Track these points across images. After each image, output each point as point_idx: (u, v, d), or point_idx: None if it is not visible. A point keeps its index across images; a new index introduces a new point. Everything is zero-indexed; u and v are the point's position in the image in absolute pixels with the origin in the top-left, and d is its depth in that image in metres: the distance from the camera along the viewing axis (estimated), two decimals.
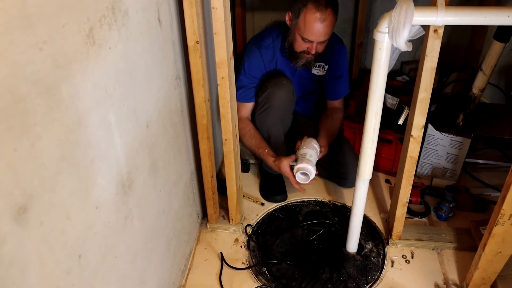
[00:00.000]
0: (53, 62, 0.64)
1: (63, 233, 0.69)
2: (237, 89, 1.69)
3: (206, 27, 1.29)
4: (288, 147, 1.76)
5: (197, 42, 1.22)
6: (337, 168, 1.81)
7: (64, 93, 0.67)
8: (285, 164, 1.57)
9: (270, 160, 1.63)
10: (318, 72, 1.80)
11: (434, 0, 1.07)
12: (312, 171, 1.51)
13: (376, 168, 1.94)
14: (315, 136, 1.69)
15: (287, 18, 1.62)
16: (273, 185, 1.81)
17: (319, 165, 1.83)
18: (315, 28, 1.52)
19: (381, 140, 1.82)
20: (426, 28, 1.12)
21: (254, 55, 1.70)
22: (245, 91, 1.71)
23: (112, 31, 0.82)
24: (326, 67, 1.78)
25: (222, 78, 1.26)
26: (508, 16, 0.98)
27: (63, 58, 0.66)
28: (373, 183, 1.87)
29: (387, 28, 1.05)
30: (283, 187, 1.80)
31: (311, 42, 1.57)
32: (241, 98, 1.70)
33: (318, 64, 1.77)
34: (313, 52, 1.60)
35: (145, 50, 1.01)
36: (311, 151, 1.56)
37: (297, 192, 1.82)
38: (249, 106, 1.74)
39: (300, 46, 1.61)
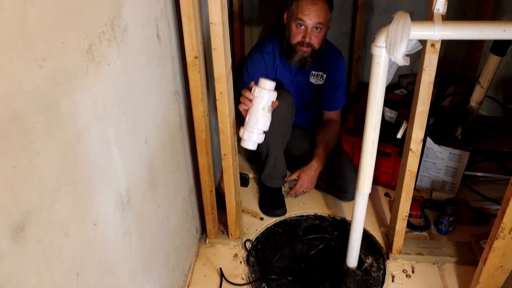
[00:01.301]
0: (52, 78, 0.64)
1: (61, 250, 0.68)
2: (239, 86, 1.72)
3: (204, 42, 1.30)
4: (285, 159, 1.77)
5: (196, 57, 1.22)
6: (336, 180, 1.80)
7: (63, 109, 0.67)
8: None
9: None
10: (316, 81, 1.81)
11: (430, 15, 1.09)
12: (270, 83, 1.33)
13: (375, 181, 1.94)
14: (311, 149, 1.70)
15: (284, 17, 1.67)
16: (272, 199, 1.80)
17: (319, 179, 1.82)
18: (307, 8, 1.57)
19: (380, 154, 1.82)
20: (423, 42, 1.13)
21: (257, 58, 1.74)
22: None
23: (111, 47, 0.83)
24: (325, 76, 1.80)
25: (221, 93, 1.26)
26: (504, 31, 0.99)
27: (62, 74, 0.67)
28: (372, 196, 1.87)
29: (384, 43, 1.05)
30: (282, 202, 1.80)
31: (305, 27, 1.59)
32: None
33: (316, 73, 1.79)
34: (307, 39, 1.60)
35: (144, 65, 1.01)
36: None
37: (296, 206, 1.82)
38: None
39: (295, 35, 1.62)
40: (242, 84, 1.74)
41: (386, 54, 1.06)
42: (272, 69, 1.76)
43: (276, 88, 1.36)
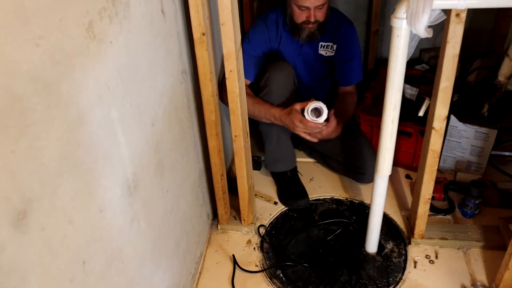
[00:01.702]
0: (50, 58, 0.63)
1: (66, 238, 0.69)
2: None
3: (212, 18, 1.28)
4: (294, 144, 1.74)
5: (203, 34, 1.21)
6: (354, 162, 1.79)
7: (64, 90, 0.67)
8: (297, 108, 1.51)
9: (277, 112, 1.57)
10: (326, 53, 1.78)
11: None
12: (324, 108, 1.46)
13: (396, 163, 1.92)
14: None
15: None
16: (292, 189, 1.79)
17: (334, 159, 1.81)
18: None
19: (401, 133, 1.80)
20: (447, 12, 1.10)
21: (259, 25, 1.72)
22: (244, 63, 1.68)
23: (113, 24, 0.82)
24: (335, 47, 1.76)
25: (231, 71, 1.25)
26: None
27: (62, 53, 0.66)
28: (392, 178, 1.86)
29: (405, 14, 1.03)
30: (303, 191, 1.79)
31: (308, 8, 1.57)
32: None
33: (325, 44, 1.75)
34: (312, 19, 1.59)
35: (148, 43, 1.00)
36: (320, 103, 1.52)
37: (312, 190, 1.82)
38: (246, 81, 1.70)
39: (299, 16, 1.61)
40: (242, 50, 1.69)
41: (407, 26, 1.04)
42: (275, 39, 1.73)
43: (276, 59, 1.35)
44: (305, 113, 1.48)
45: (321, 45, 1.75)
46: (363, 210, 1.72)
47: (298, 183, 1.82)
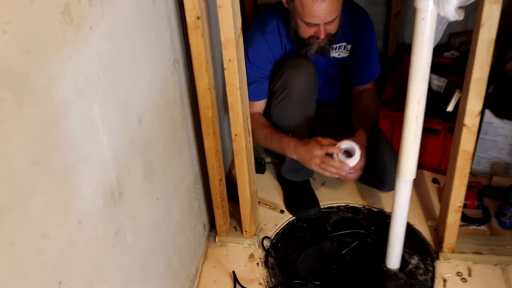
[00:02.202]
0: (20, 47, 0.63)
1: (39, 255, 0.68)
2: None
3: (208, 0, 1.28)
4: None
5: (198, 18, 1.20)
6: (372, 169, 1.77)
7: (36, 84, 0.67)
8: (320, 143, 1.50)
9: (294, 144, 1.57)
10: (339, 55, 1.77)
11: None
12: (357, 150, 1.47)
13: (421, 165, 1.91)
14: (351, 133, 1.65)
15: (283, 0, 1.59)
16: (301, 197, 1.79)
17: None
18: (315, 9, 1.47)
19: (426, 131, 1.80)
20: None
21: (258, 42, 1.66)
22: (255, 88, 1.67)
23: (94, 7, 0.81)
24: (349, 47, 1.75)
25: (230, 60, 1.24)
26: None
27: (33, 41, 0.66)
28: (417, 183, 1.85)
29: None
30: (313, 198, 1.79)
31: (317, 25, 1.52)
32: (251, 96, 1.57)
33: (338, 45, 1.73)
34: (322, 36, 1.54)
35: (134, 29, 1.00)
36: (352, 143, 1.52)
37: (324, 196, 1.82)
38: (260, 104, 1.72)
39: (306, 31, 1.56)
40: (247, 76, 1.67)
41: (434, 7, 1.03)
42: (279, 51, 1.69)
43: (293, 56, 1.34)
44: (335, 154, 1.49)
45: (334, 47, 1.73)
46: (383, 220, 1.71)
47: (308, 189, 1.82)
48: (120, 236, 0.95)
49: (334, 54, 1.76)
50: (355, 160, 1.48)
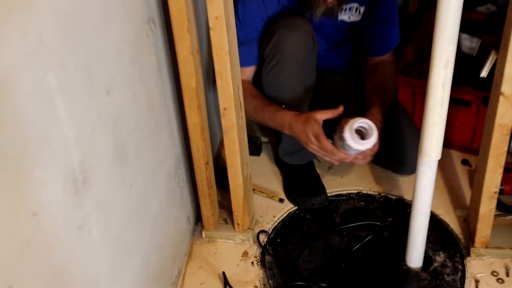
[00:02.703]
0: None
1: None
2: None
3: None
4: None
5: None
6: (390, 149, 1.78)
7: None
8: (317, 117, 1.49)
9: (290, 115, 1.56)
10: (350, 18, 1.75)
11: None
12: (374, 129, 1.41)
13: (448, 143, 1.92)
14: (362, 111, 1.64)
15: None
16: (304, 182, 1.80)
17: None
18: None
19: (455, 102, 1.79)
20: None
21: None
22: (244, 51, 1.65)
23: None
24: (362, 9, 1.74)
25: (216, 18, 1.23)
26: None
27: None
28: (443, 165, 1.85)
29: None
30: (319, 184, 1.79)
31: None
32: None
33: (348, 6, 1.72)
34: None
35: None
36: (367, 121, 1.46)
37: (332, 182, 1.82)
38: (248, 71, 1.72)
39: None
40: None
41: None
42: (274, 7, 1.67)
43: (288, 14, 1.31)
44: (346, 134, 1.41)
45: (343, 9, 1.71)
46: (403, 209, 1.72)
47: (312, 173, 1.82)
48: (85, 231, 0.94)
49: (343, 16, 1.74)
50: (369, 143, 1.42)
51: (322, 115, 1.50)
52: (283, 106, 1.60)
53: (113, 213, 1.07)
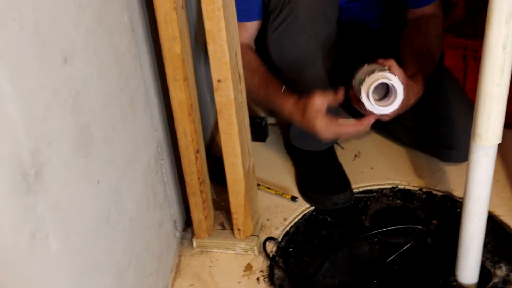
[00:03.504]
0: None
1: None
2: None
3: None
4: None
5: None
6: (434, 128, 1.80)
7: None
8: (317, 103, 1.50)
9: (289, 103, 1.58)
10: None
11: None
12: (400, 86, 1.42)
13: (509, 123, 1.88)
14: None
15: None
16: (323, 175, 1.81)
17: (398, 123, 1.79)
18: None
19: None
20: None
21: None
22: (243, 1, 1.67)
23: None
24: None
25: None
26: None
27: None
28: (504, 152, 1.84)
29: None
30: (343, 177, 1.81)
31: None
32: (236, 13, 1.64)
33: None
34: None
35: None
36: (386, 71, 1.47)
37: (359, 175, 1.83)
38: (250, 27, 1.73)
39: None
40: None
41: None
42: None
43: None
44: (365, 95, 1.42)
45: None
46: (451, 209, 1.72)
47: (333, 163, 1.84)
48: (39, 240, 0.93)
49: None
50: (392, 107, 1.43)
51: (322, 100, 1.50)
52: (283, 88, 1.60)
53: (76, 217, 1.06)
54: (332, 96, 1.51)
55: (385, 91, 1.44)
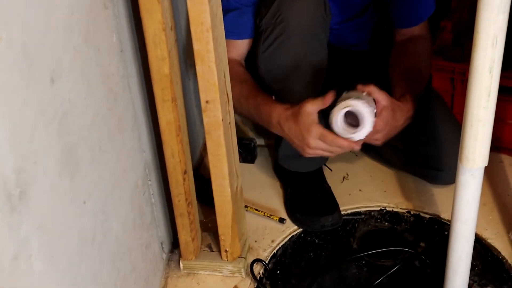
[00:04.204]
0: None
1: None
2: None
3: None
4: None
5: None
6: (422, 150, 1.80)
7: None
8: (309, 110, 1.49)
9: (279, 109, 1.56)
10: None
11: None
12: (367, 114, 1.44)
13: (497, 145, 1.92)
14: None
15: None
16: (311, 197, 1.80)
17: (387, 145, 1.80)
18: None
19: (505, 92, 1.79)
20: None
21: None
22: (235, 18, 1.69)
23: None
24: None
25: None
26: None
27: None
28: (491, 174, 1.86)
29: None
30: (331, 199, 1.80)
31: None
32: (227, 30, 1.61)
33: None
34: None
35: None
36: (362, 98, 1.49)
37: (347, 196, 1.83)
38: (241, 45, 1.74)
39: None
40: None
41: None
42: None
43: None
44: (334, 121, 1.45)
45: None
46: (439, 232, 1.73)
47: (322, 184, 1.83)
48: (23, 261, 0.93)
49: None
50: (360, 133, 1.45)
51: (314, 106, 1.49)
52: (273, 97, 1.60)
53: (60, 238, 1.05)
54: (322, 100, 1.49)
55: (357, 118, 1.46)
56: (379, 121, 1.50)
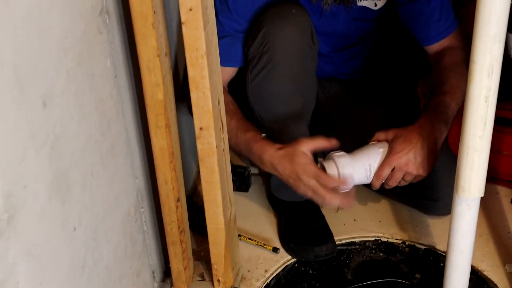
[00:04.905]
0: None
1: None
2: None
3: None
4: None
5: None
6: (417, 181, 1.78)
7: None
8: (303, 150, 1.49)
9: (271, 150, 1.55)
10: (376, 5, 1.79)
11: None
12: (346, 169, 1.47)
13: (493, 176, 1.92)
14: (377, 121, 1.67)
15: None
16: (305, 226, 1.80)
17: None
18: None
19: (502, 123, 1.79)
20: None
21: None
22: (225, 45, 1.69)
23: None
24: None
25: (190, 9, 1.24)
26: None
27: None
28: (487, 205, 1.85)
29: None
30: (325, 229, 1.80)
31: None
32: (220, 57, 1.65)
33: None
34: None
35: None
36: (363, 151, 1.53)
37: (342, 227, 1.82)
38: (228, 71, 1.73)
39: None
40: (219, 25, 1.67)
41: None
42: None
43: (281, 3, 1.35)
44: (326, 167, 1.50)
45: None
46: (435, 263, 1.72)
47: (316, 214, 1.82)
48: None
49: (364, 2, 1.77)
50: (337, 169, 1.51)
51: (310, 145, 1.50)
52: (263, 134, 1.59)
53: (49, 264, 1.04)
54: (323, 140, 1.50)
55: None
56: (390, 159, 1.53)
